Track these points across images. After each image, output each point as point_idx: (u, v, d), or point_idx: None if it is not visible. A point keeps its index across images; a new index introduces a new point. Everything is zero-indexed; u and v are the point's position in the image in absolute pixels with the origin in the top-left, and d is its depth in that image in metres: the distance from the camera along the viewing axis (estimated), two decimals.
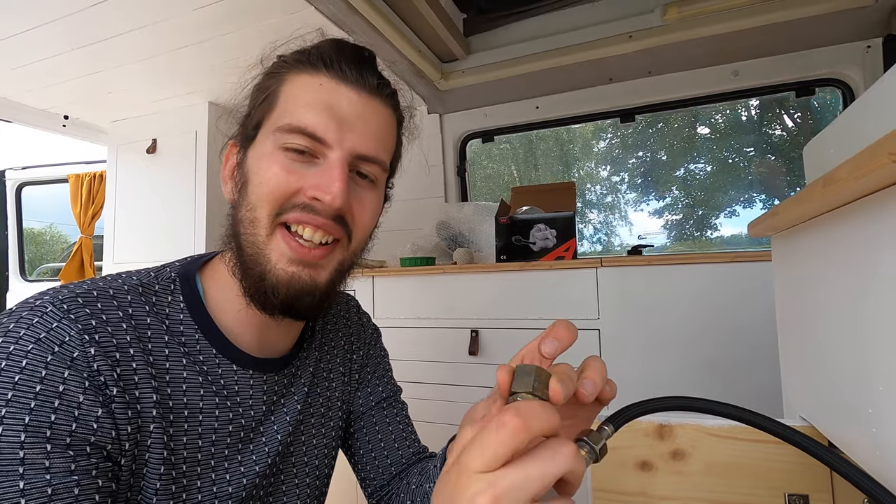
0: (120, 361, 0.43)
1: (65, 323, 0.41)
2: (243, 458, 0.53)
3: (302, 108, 0.49)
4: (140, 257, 1.93)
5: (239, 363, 0.53)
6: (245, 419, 0.53)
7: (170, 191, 1.89)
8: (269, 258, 0.49)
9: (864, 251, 0.38)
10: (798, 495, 0.55)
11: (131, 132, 1.99)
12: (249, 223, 0.50)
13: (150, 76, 1.65)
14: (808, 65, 1.48)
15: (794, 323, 0.59)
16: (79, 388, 0.40)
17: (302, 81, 0.50)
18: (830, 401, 0.48)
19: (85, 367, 0.40)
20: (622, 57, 1.55)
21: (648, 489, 0.61)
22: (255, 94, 0.54)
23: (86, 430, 0.39)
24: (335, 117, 0.49)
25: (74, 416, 0.39)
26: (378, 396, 0.70)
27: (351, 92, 0.50)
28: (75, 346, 0.41)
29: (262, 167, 0.49)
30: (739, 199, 4.32)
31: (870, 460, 0.40)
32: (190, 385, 0.49)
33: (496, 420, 0.28)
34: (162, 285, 0.52)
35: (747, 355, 1.19)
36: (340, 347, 0.68)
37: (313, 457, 0.62)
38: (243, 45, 1.46)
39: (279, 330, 0.56)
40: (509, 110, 1.90)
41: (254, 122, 0.52)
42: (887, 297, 0.35)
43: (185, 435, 0.48)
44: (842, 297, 0.43)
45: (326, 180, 0.48)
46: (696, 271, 1.26)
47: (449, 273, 1.49)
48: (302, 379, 0.61)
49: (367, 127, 0.51)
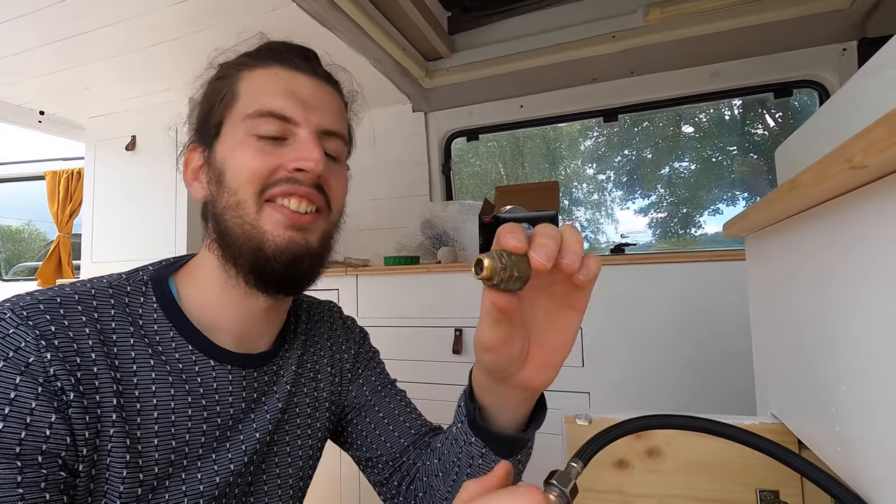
0: (80, 366, 0.43)
1: (21, 329, 0.42)
2: (217, 457, 0.52)
3: (267, 95, 0.53)
4: (119, 256, 1.89)
5: (217, 358, 0.53)
6: (222, 417, 0.53)
7: (150, 188, 1.86)
8: (263, 230, 0.51)
9: (827, 254, 0.39)
10: (769, 491, 0.56)
11: (110, 129, 1.96)
12: (235, 207, 0.52)
13: (127, 72, 1.62)
14: (785, 66, 1.50)
15: (765, 322, 0.60)
16: (31, 394, 0.40)
17: (259, 74, 0.55)
18: (799, 399, 0.49)
19: (40, 373, 0.40)
20: (605, 57, 1.56)
21: (625, 487, 0.62)
22: (211, 96, 0.57)
23: (37, 438, 0.39)
24: (298, 99, 0.53)
25: (25, 423, 0.39)
26: (373, 386, 0.71)
27: (305, 79, 0.55)
28: (31, 351, 0.41)
29: (236, 155, 0.52)
30: (723, 198, 4.38)
31: (834, 458, 0.41)
32: (160, 386, 0.49)
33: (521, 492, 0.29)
34: (133, 287, 0.52)
35: (726, 353, 1.21)
36: (327, 349, 0.69)
37: (297, 457, 0.62)
38: (220, 43, 1.43)
39: (261, 322, 0.57)
40: (494, 109, 1.90)
41: (216, 121, 0.55)
42: (847, 301, 0.36)
43: (156, 436, 0.48)
44: (808, 299, 0.44)
45: (305, 151, 0.52)
46: (677, 270, 1.27)
47: (433, 272, 1.49)
48: (284, 377, 0.61)
49: (326, 107, 0.56)
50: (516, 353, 0.42)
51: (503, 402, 0.48)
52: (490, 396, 0.49)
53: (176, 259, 0.59)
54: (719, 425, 0.38)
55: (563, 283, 0.39)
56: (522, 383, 0.44)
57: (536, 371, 0.43)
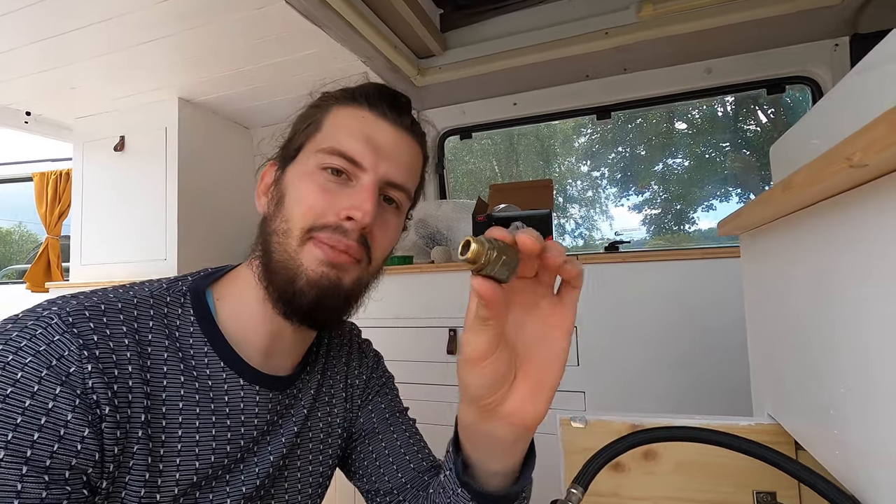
0: (117, 378, 0.43)
1: (67, 337, 0.41)
2: (231, 478, 0.52)
3: (343, 135, 0.54)
4: (109, 258, 1.87)
5: (246, 378, 0.53)
6: (244, 439, 0.53)
7: (139, 190, 1.83)
8: (300, 262, 0.52)
9: (824, 254, 0.38)
10: (766, 493, 0.56)
11: (98, 129, 1.92)
12: (283, 233, 0.53)
13: (115, 71, 1.59)
14: (778, 63, 1.50)
15: (761, 322, 0.60)
16: (69, 405, 0.39)
17: (346, 112, 0.56)
18: (796, 400, 0.48)
19: (79, 384, 0.40)
20: (598, 53, 1.55)
21: (621, 489, 0.61)
22: (300, 121, 0.59)
23: (68, 452, 0.39)
24: (372, 145, 0.54)
25: (59, 436, 0.39)
26: (382, 414, 0.69)
27: (388, 126, 0.56)
28: (73, 361, 0.41)
29: (300, 184, 0.54)
30: (716, 194, 4.40)
31: (832, 461, 0.40)
32: (187, 403, 0.49)
33: None
34: (173, 297, 0.53)
35: (721, 350, 1.20)
36: (342, 373, 0.69)
37: (307, 483, 0.61)
38: (211, 41, 1.42)
39: (289, 343, 0.58)
40: (487, 107, 1.89)
41: (296, 145, 0.57)
42: (845, 301, 0.35)
43: (178, 456, 0.47)
44: (805, 299, 0.43)
45: (359, 200, 0.52)
46: (671, 268, 1.27)
47: (426, 272, 1.48)
48: (302, 401, 0.61)
49: (398, 158, 0.56)
50: (503, 371, 0.38)
51: (491, 447, 0.44)
52: (476, 442, 0.45)
53: (214, 270, 0.60)
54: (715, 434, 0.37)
55: (548, 298, 0.39)
56: (510, 415, 0.40)
57: (526, 398, 0.39)
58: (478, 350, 0.36)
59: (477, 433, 0.43)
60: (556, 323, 0.39)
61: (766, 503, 0.55)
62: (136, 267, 1.80)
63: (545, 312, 0.39)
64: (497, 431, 0.41)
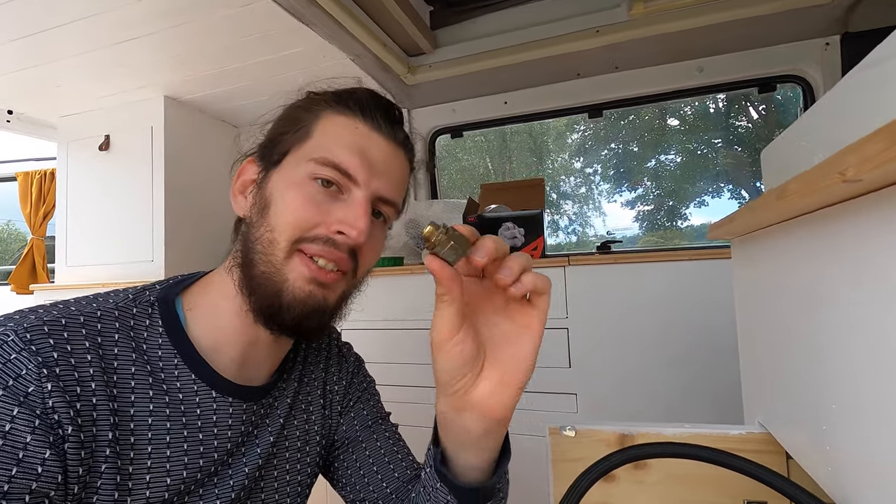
0: (80, 396, 0.41)
1: (24, 355, 0.39)
2: (205, 492, 0.51)
3: (337, 146, 0.52)
4: (95, 259, 1.83)
5: (218, 389, 0.52)
6: (218, 452, 0.51)
7: (125, 190, 1.80)
8: (286, 277, 0.50)
9: (815, 265, 0.37)
10: (757, 502, 0.55)
11: (82, 128, 1.89)
12: (268, 243, 0.51)
13: (99, 69, 1.56)
14: (769, 61, 1.50)
15: (753, 329, 0.59)
16: (27, 427, 0.38)
17: (339, 121, 0.54)
18: (787, 412, 0.47)
19: (38, 405, 0.38)
20: (589, 52, 1.54)
21: (611, 499, 0.60)
22: (286, 122, 0.56)
23: (27, 476, 0.37)
24: (366, 160, 0.52)
25: (18, 459, 0.37)
26: (364, 421, 0.68)
27: (382, 141, 0.55)
28: (31, 380, 0.39)
29: (289, 194, 0.51)
30: (708, 190, 4.42)
31: (822, 476, 0.39)
32: (157, 418, 0.47)
33: None
34: (140, 308, 0.50)
35: (713, 351, 1.20)
36: (320, 379, 0.67)
37: (285, 494, 0.60)
38: (196, 38, 1.39)
39: (265, 352, 0.56)
40: (478, 105, 1.88)
41: (282, 150, 0.54)
42: (837, 313, 0.34)
43: (149, 473, 0.46)
44: (796, 310, 0.42)
45: (352, 216, 0.51)
46: (662, 269, 1.26)
47: (417, 273, 1.46)
48: (278, 410, 0.59)
49: (391, 174, 0.55)
50: (469, 354, 0.41)
51: (463, 436, 0.46)
52: (451, 432, 0.47)
53: (184, 277, 0.58)
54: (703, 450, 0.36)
55: (519, 301, 0.42)
56: (479, 404, 0.43)
57: (494, 390, 0.43)
58: (441, 330, 0.40)
59: (451, 423, 0.46)
60: (526, 323, 0.42)
61: None
62: (122, 268, 1.77)
63: (516, 313, 0.42)
64: (468, 423, 0.45)
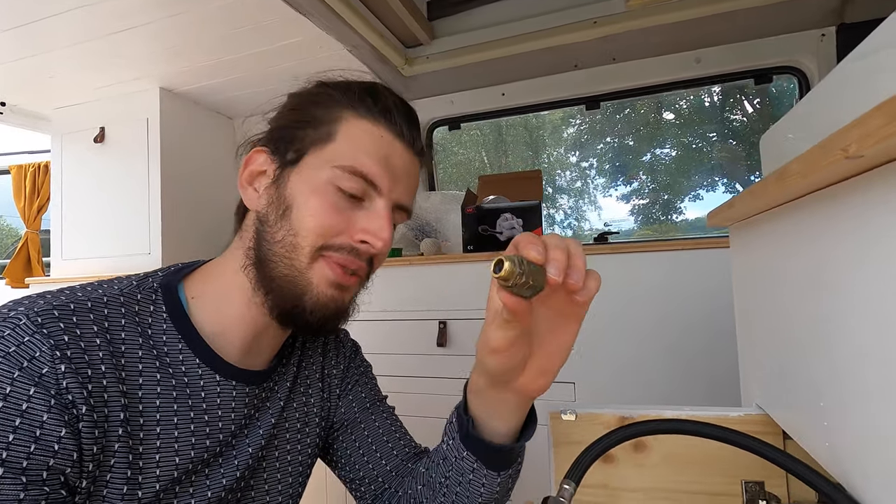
0: (91, 378, 0.43)
1: (37, 338, 0.41)
2: (211, 472, 0.52)
3: (363, 154, 0.52)
4: (91, 252, 1.82)
5: (222, 373, 0.53)
6: (223, 434, 0.53)
7: (121, 182, 1.79)
8: (310, 281, 0.52)
9: (817, 246, 0.38)
10: (754, 482, 0.56)
11: (77, 120, 1.87)
12: (290, 247, 0.52)
13: (94, 60, 1.55)
14: (765, 52, 1.50)
15: (751, 313, 0.60)
16: (43, 406, 0.39)
17: (364, 127, 0.54)
18: (784, 392, 0.48)
19: (53, 385, 0.40)
20: (587, 43, 1.54)
21: (611, 481, 0.61)
22: (302, 116, 0.56)
23: (45, 453, 0.39)
24: (389, 169, 0.54)
25: (35, 437, 0.38)
26: (362, 403, 0.70)
27: (403, 149, 0.55)
28: (45, 361, 0.40)
29: (312, 199, 0.52)
30: (703, 183, 4.43)
31: (820, 451, 0.40)
32: (164, 400, 0.49)
33: None
34: (144, 295, 0.51)
35: (710, 339, 1.21)
36: (318, 363, 0.68)
37: (286, 473, 0.62)
38: (191, 29, 1.38)
39: (269, 341, 0.58)
40: (475, 97, 1.87)
41: (300, 147, 0.54)
42: (837, 294, 0.35)
43: (158, 452, 0.47)
44: (795, 291, 0.43)
45: (377, 226, 0.53)
46: (659, 258, 1.27)
47: (415, 264, 1.47)
48: (279, 393, 0.61)
49: (409, 182, 0.57)
50: (520, 358, 0.43)
51: (498, 408, 0.49)
52: (484, 403, 0.49)
53: (184, 265, 0.58)
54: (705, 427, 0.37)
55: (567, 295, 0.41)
56: (520, 388, 0.46)
57: (535, 377, 0.45)
58: (500, 345, 0.41)
59: (486, 398, 0.49)
60: (570, 314, 0.42)
61: (755, 493, 0.55)
62: (118, 261, 1.76)
63: (561, 305, 0.42)
64: (504, 397, 0.47)
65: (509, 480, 0.55)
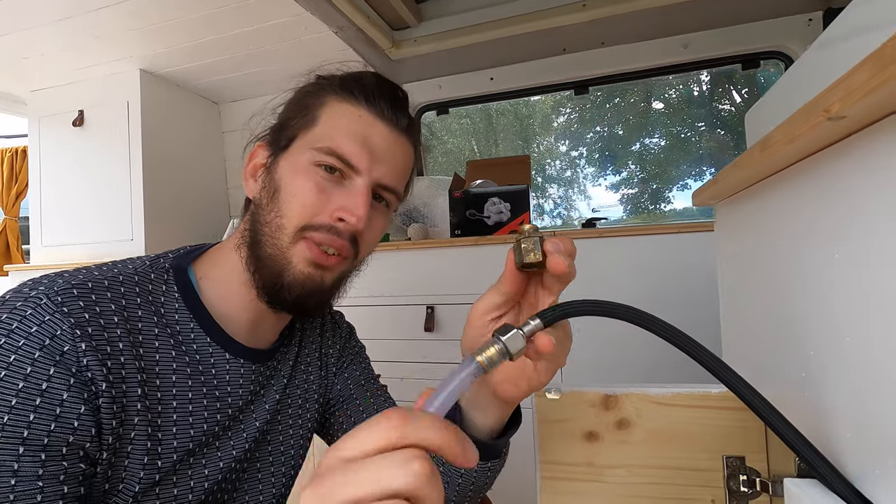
0: (111, 355, 0.44)
1: (58, 316, 0.42)
2: (221, 444, 0.55)
3: (341, 135, 0.54)
4: (72, 239, 1.79)
5: (231, 351, 0.56)
6: (232, 408, 0.56)
7: (102, 167, 1.75)
8: (290, 259, 0.54)
9: (799, 218, 0.38)
10: (735, 457, 0.56)
11: (55, 103, 1.82)
12: (276, 228, 0.54)
13: (71, 40, 1.50)
14: (752, 37, 1.50)
15: (734, 291, 0.60)
16: (63, 385, 0.41)
17: (343, 109, 0.56)
18: (767, 367, 0.49)
19: (73, 363, 0.41)
20: (576, 27, 1.52)
21: (595, 459, 0.62)
22: (294, 108, 0.59)
23: (65, 430, 0.40)
24: (367, 148, 0.54)
25: (55, 415, 0.40)
26: (358, 381, 0.73)
27: (385, 128, 0.56)
28: (66, 340, 0.42)
29: (296, 180, 0.54)
30: (691, 173, 4.47)
31: (802, 421, 0.41)
32: (179, 376, 0.51)
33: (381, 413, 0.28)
34: (157, 275, 0.54)
35: (695, 322, 1.22)
36: (317, 343, 0.72)
37: (289, 446, 0.66)
38: (173, 7, 1.34)
39: (272, 322, 0.60)
40: (464, 81, 1.86)
41: (289, 135, 0.57)
42: (817, 265, 0.34)
43: (175, 425, 0.50)
44: (780, 264, 0.43)
45: (353, 203, 0.53)
46: (646, 242, 1.28)
47: (403, 249, 1.46)
48: (282, 372, 0.64)
49: (393, 161, 0.57)
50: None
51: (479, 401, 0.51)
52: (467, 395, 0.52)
53: (192, 248, 0.61)
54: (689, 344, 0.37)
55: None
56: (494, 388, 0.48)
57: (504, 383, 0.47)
58: (480, 305, 0.46)
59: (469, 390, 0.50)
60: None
61: (736, 467, 0.56)
62: (100, 248, 1.73)
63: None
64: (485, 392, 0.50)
65: (489, 472, 0.57)
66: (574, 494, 0.61)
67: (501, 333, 0.35)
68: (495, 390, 0.48)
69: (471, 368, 0.33)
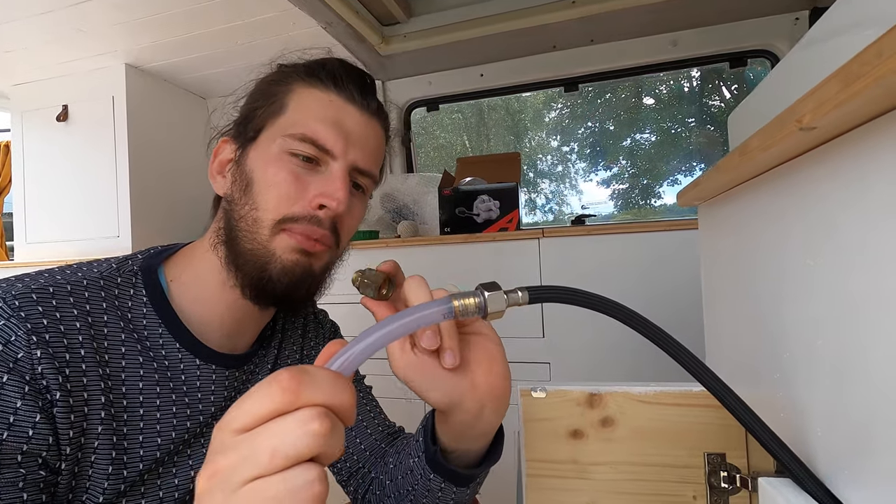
0: (69, 362, 0.43)
1: (13, 322, 0.41)
2: (193, 453, 0.53)
3: (313, 120, 0.53)
4: (57, 236, 1.77)
5: (202, 357, 0.54)
6: (204, 415, 0.54)
7: (87, 163, 1.73)
8: (272, 251, 0.52)
9: (776, 222, 0.38)
10: (716, 454, 0.57)
11: (38, 97, 1.79)
12: (252, 221, 0.52)
13: (54, 33, 1.48)
14: (740, 36, 1.51)
15: (716, 291, 0.61)
16: (17, 392, 0.39)
17: (313, 95, 0.54)
18: (746, 365, 0.50)
19: (28, 370, 0.40)
20: (565, 24, 1.53)
21: (579, 456, 0.62)
22: (259, 97, 0.57)
23: (19, 438, 0.39)
24: (342, 132, 0.53)
25: (8, 423, 0.39)
26: None
27: (356, 112, 0.55)
28: (21, 346, 0.40)
29: (269, 170, 0.52)
30: (681, 168, 4.49)
31: (777, 422, 0.41)
32: (146, 383, 0.49)
33: (269, 377, 0.26)
34: (124, 278, 0.52)
35: (682, 320, 1.24)
36: (298, 344, 0.69)
37: None
38: (159, 1, 1.32)
39: (254, 321, 0.58)
40: (454, 78, 1.85)
41: (257, 126, 0.55)
42: (793, 269, 0.35)
43: (141, 434, 0.48)
44: (756, 267, 0.44)
45: (332, 188, 0.52)
46: (635, 240, 1.29)
47: (392, 247, 1.46)
48: (260, 375, 0.61)
49: (367, 144, 0.56)
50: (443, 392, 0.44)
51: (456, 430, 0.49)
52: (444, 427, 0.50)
53: (164, 248, 0.59)
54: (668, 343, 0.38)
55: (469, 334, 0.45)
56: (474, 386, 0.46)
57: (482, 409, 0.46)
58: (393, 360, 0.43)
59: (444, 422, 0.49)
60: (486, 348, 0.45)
61: (717, 464, 0.57)
62: (86, 245, 1.71)
63: (472, 345, 0.45)
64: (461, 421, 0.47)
65: (477, 487, 0.57)
66: (559, 491, 0.61)
67: (487, 289, 0.34)
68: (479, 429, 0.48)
69: (441, 308, 0.32)
